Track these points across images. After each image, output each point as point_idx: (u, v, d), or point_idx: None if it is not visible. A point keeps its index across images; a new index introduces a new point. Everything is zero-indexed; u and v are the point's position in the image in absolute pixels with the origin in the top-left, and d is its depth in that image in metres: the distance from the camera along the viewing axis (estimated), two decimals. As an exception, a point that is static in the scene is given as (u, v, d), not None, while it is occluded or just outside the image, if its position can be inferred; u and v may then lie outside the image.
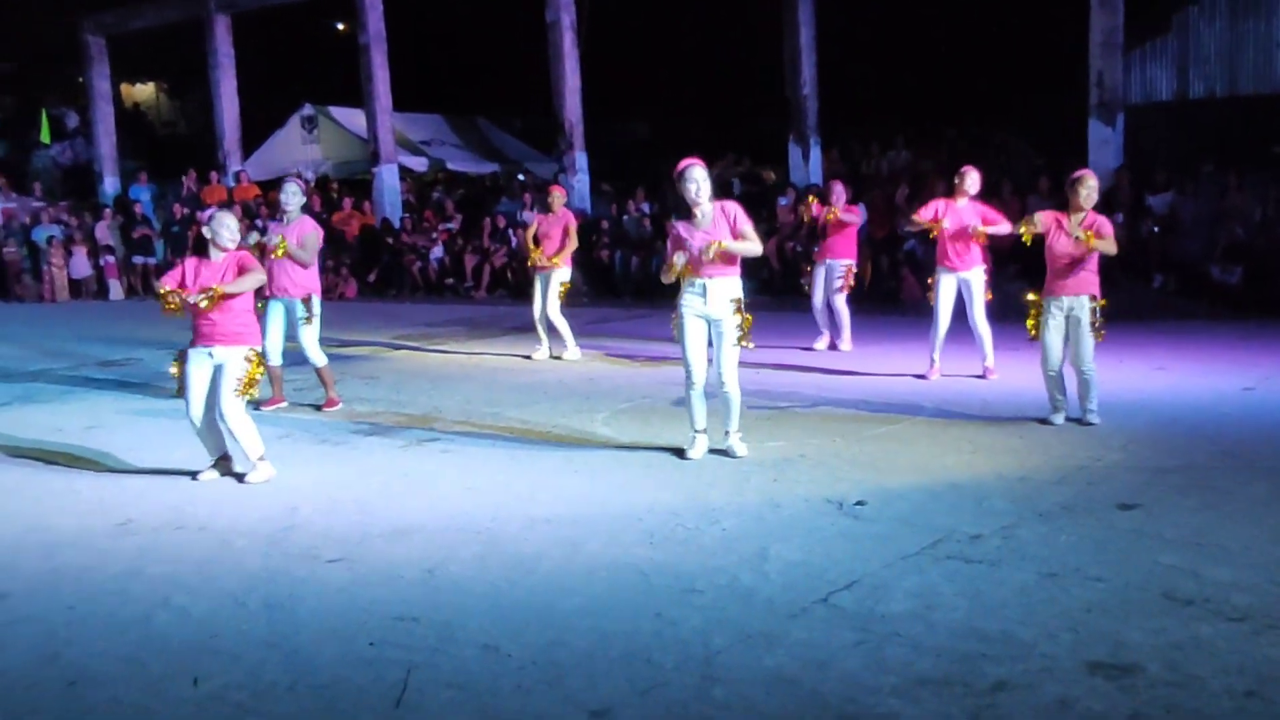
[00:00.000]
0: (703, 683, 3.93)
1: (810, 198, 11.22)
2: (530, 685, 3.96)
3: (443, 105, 26.79)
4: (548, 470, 6.90)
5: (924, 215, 9.46)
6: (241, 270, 6.85)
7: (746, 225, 6.88)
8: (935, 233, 9.39)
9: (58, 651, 4.42)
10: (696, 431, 7.03)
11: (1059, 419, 7.58)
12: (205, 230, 6.98)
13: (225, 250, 6.93)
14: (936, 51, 23.71)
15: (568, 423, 8.25)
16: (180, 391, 6.96)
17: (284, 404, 9.15)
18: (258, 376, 6.90)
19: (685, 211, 6.93)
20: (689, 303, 6.91)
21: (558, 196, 11.66)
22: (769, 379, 9.53)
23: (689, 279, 6.88)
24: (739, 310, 6.88)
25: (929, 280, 9.64)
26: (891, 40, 24.12)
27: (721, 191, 7.17)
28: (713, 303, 6.86)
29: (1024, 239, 7.59)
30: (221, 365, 6.78)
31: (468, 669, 4.10)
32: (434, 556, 5.33)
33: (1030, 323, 7.58)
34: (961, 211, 9.36)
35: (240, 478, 6.89)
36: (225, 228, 6.97)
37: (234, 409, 6.75)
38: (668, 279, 6.98)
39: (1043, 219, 7.48)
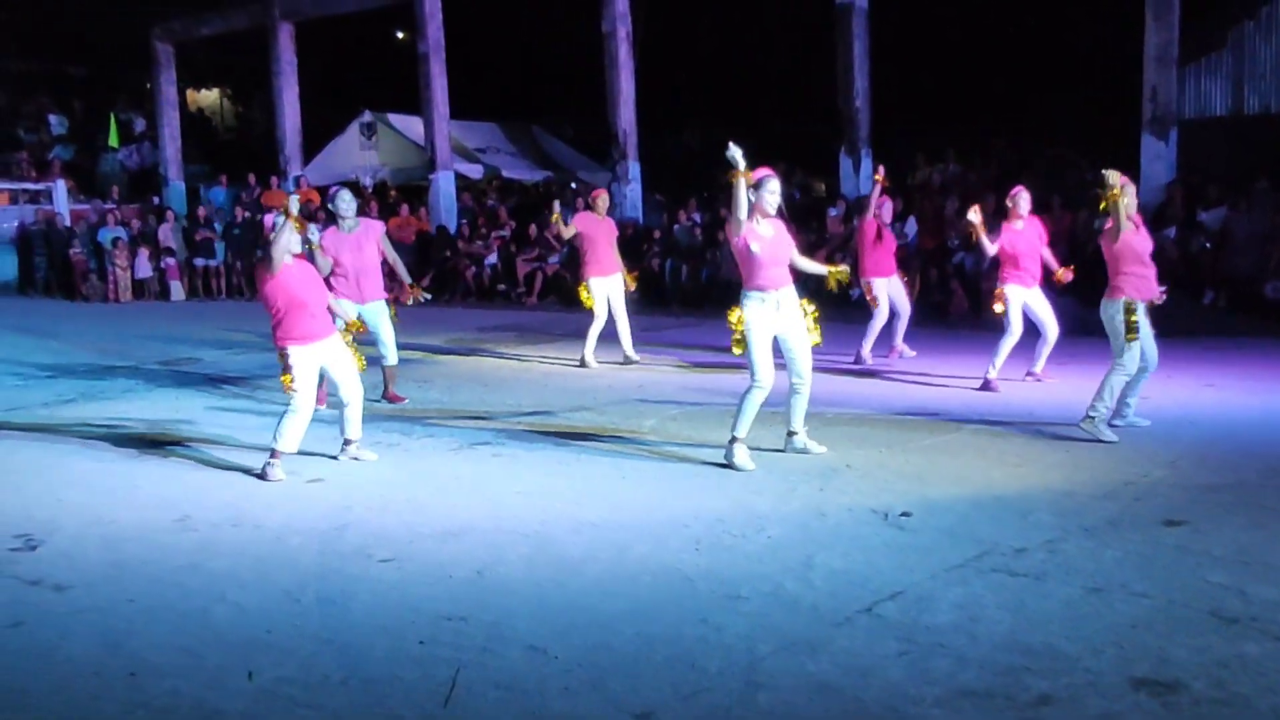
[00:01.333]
0: (746, 688, 3.98)
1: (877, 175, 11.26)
2: (575, 687, 4.03)
3: (498, 113, 27.05)
4: (596, 475, 6.98)
5: (994, 244, 9.60)
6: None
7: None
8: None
9: (119, 642, 4.55)
10: (742, 441, 7.07)
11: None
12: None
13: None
14: (988, 64, 23.60)
15: (616, 428, 8.33)
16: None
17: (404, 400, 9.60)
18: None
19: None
20: (760, 314, 6.95)
21: (604, 200, 11.76)
22: (816, 389, 9.52)
23: (760, 293, 6.93)
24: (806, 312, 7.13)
25: (997, 293, 9.64)
26: (943, 53, 24.04)
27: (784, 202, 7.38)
28: (786, 312, 7.02)
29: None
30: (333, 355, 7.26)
31: (514, 669, 4.18)
32: (483, 557, 5.42)
33: (1130, 328, 7.49)
34: (1024, 233, 9.54)
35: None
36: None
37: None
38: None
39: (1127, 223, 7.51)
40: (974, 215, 9.46)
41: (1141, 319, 7.53)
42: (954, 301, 14.82)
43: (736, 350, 7.06)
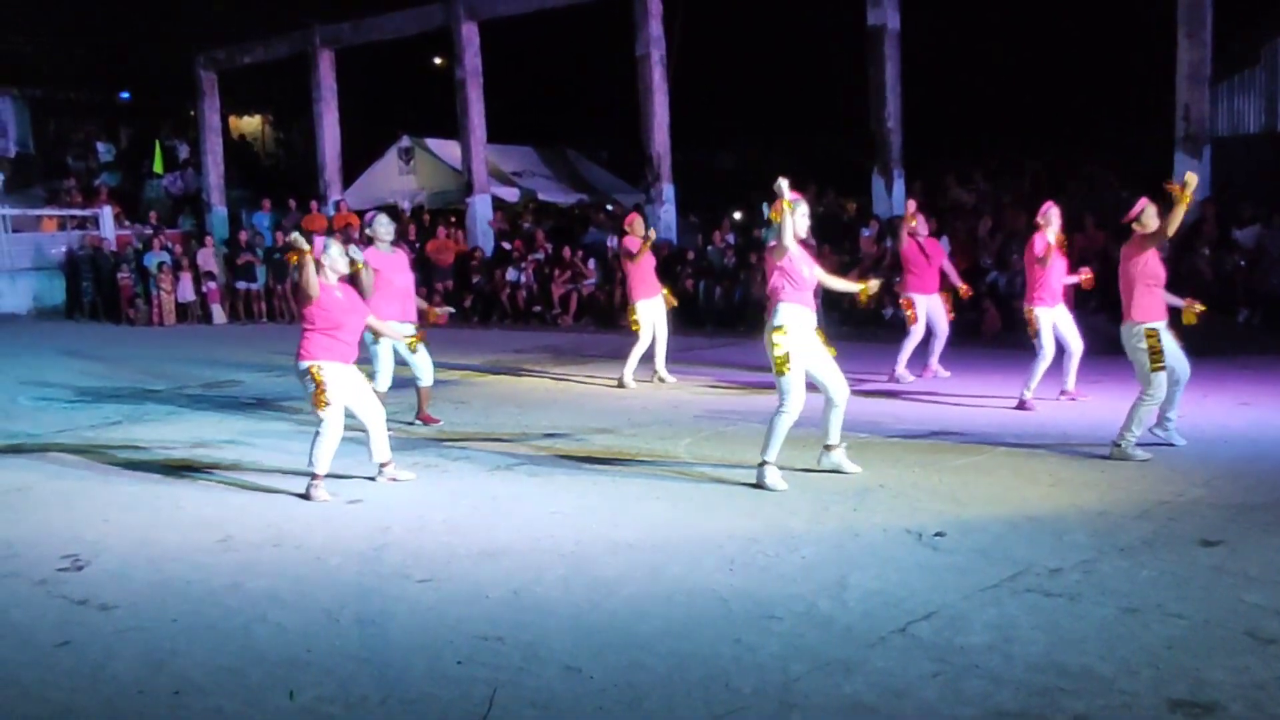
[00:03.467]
0: (780, 709, 4.00)
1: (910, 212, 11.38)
2: (610, 707, 4.07)
3: (534, 136, 27.26)
4: (631, 495, 7.03)
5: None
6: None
7: None
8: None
9: (163, 661, 4.64)
10: (773, 463, 7.11)
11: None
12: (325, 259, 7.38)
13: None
14: (1020, 84, 23.56)
15: (651, 449, 8.38)
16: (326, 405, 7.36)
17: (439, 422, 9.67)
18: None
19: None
20: (800, 334, 7.02)
21: (639, 224, 11.85)
22: (849, 408, 9.54)
23: (801, 311, 7.04)
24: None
25: (1029, 316, 9.65)
26: (976, 73, 24.01)
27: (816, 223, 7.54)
28: (813, 330, 7.14)
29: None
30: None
31: (550, 689, 4.23)
32: (520, 578, 5.48)
33: (1155, 356, 7.51)
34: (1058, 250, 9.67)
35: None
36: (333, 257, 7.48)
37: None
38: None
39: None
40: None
41: (1165, 337, 7.53)
42: (987, 321, 14.78)
43: (784, 370, 7.01)
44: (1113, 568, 5.31)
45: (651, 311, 11.51)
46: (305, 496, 7.18)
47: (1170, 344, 7.61)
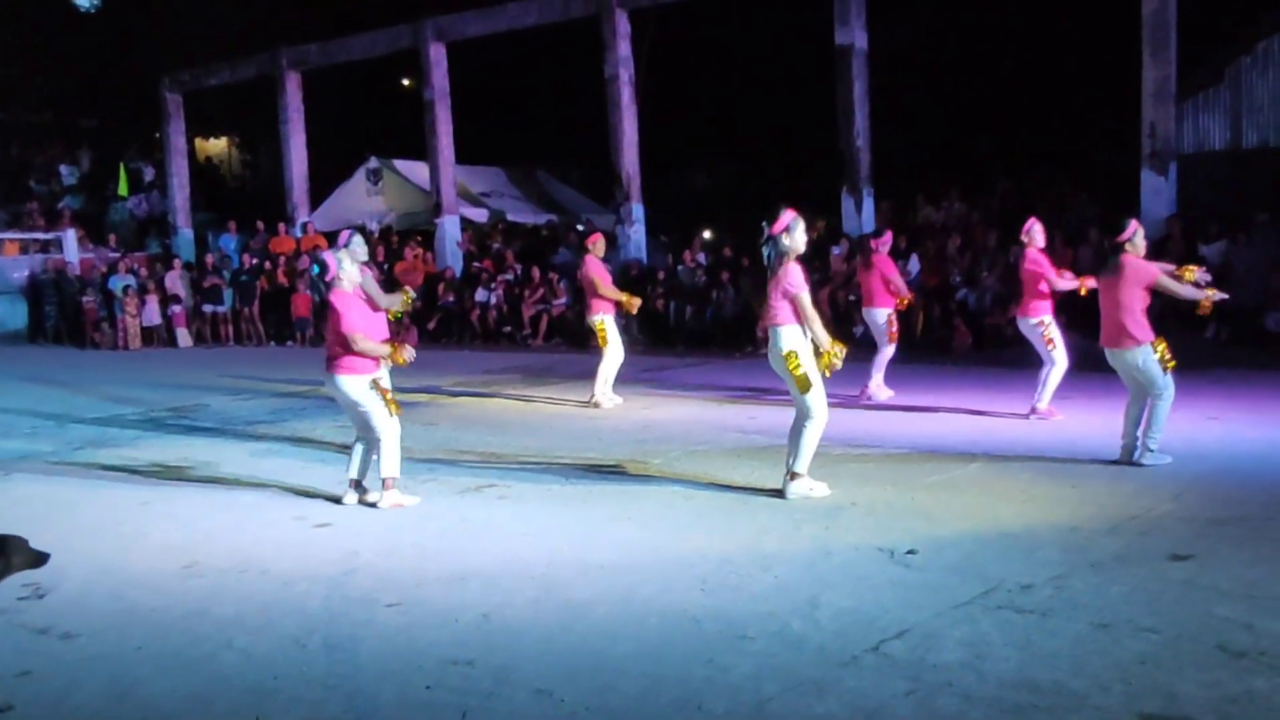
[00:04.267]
0: (752, 728, 3.98)
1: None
2: (582, 728, 4.04)
3: (503, 157, 27.27)
4: (602, 516, 6.99)
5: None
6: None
7: None
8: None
9: (127, 690, 4.56)
10: (805, 474, 7.21)
11: None
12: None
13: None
14: (989, 103, 23.80)
15: (622, 469, 8.35)
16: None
17: None
18: None
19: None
20: (808, 347, 7.13)
21: (602, 243, 11.94)
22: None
23: (801, 330, 7.11)
24: None
25: (1042, 323, 9.75)
26: (944, 92, 24.25)
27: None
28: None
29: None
30: None
31: (521, 713, 4.18)
32: (490, 601, 5.43)
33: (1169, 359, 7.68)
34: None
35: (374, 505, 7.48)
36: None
37: None
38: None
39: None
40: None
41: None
42: (957, 337, 14.87)
43: (808, 388, 7.08)
44: (1084, 583, 5.32)
45: (616, 326, 11.59)
46: (373, 505, 7.39)
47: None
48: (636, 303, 12.03)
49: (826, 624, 4.93)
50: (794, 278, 7.06)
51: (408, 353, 7.46)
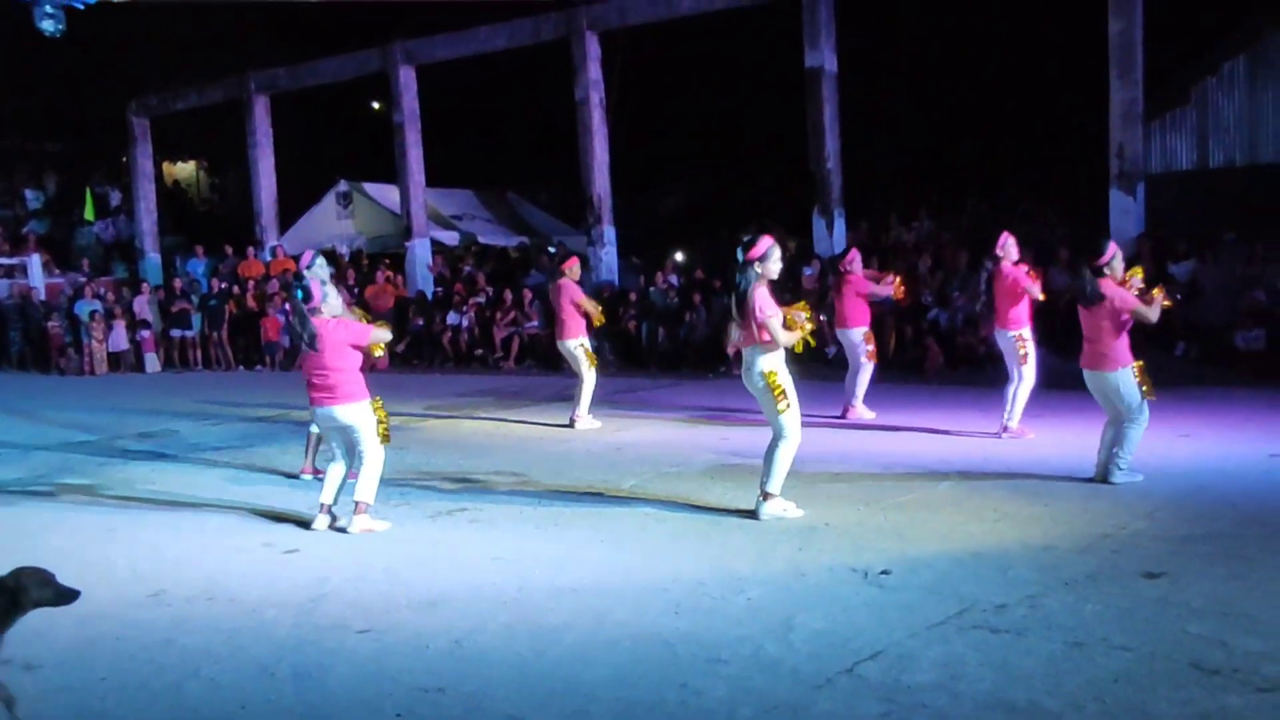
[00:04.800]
0: (727, 753, 3.95)
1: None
2: (555, 755, 3.99)
3: (473, 179, 27.23)
4: (574, 540, 6.95)
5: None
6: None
7: None
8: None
9: (91, 721, 4.49)
10: (778, 494, 7.21)
11: None
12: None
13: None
14: (959, 125, 24.02)
15: (595, 492, 8.31)
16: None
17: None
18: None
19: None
20: (784, 367, 7.17)
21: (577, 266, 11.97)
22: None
23: (778, 352, 7.16)
24: None
25: (1019, 337, 9.78)
26: (915, 114, 24.46)
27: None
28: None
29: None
30: None
31: (493, 739, 4.14)
32: (461, 627, 5.37)
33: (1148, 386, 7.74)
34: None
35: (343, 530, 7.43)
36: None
37: None
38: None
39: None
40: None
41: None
42: (929, 358, 14.91)
43: (785, 409, 7.11)
44: (1058, 602, 5.32)
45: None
46: (343, 530, 7.34)
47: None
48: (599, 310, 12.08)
49: (801, 646, 4.91)
50: (765, 304, 7.07)
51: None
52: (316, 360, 7.35)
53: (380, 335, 7.63)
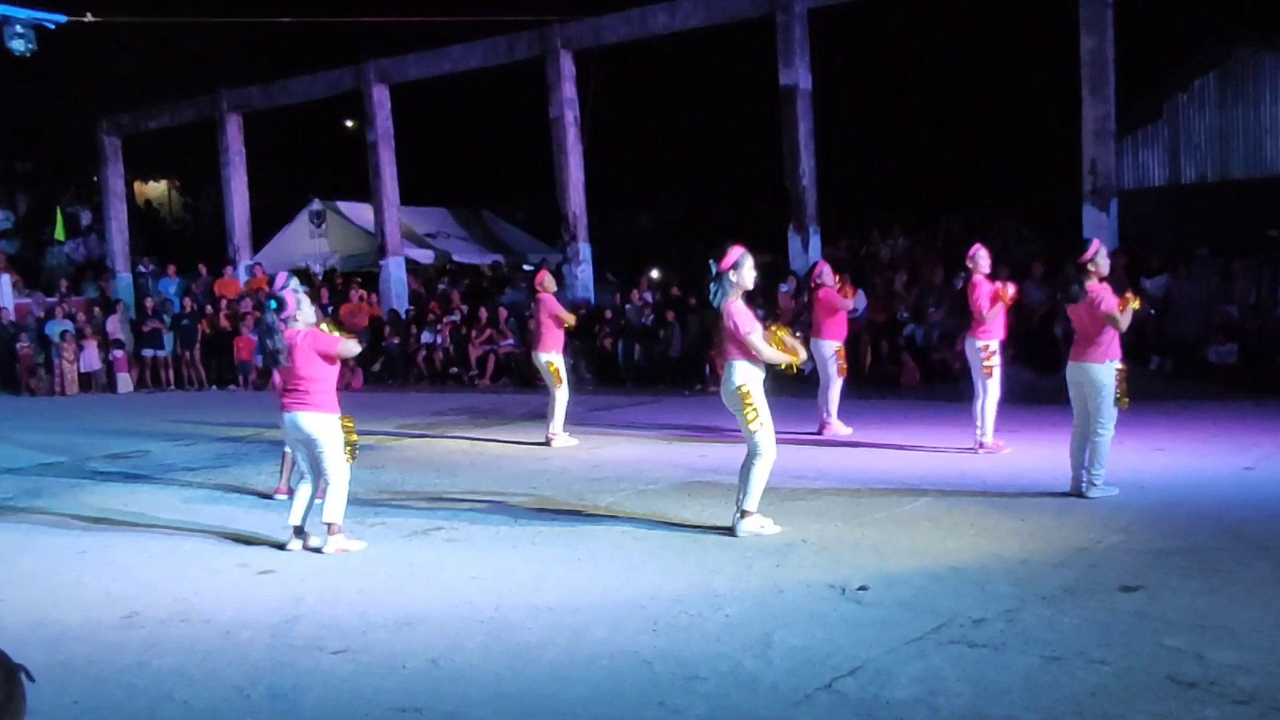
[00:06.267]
0: (706, 771, 3.92)
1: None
2: (533, 775, 3.96)
3: (448, 198, 27.17)
4: (551, 558, 6.91)
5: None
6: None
7: None
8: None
9: (62, 746, 4.42)
10: (756, 512, 7.18)
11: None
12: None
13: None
14: (934, 142, 24.20)
15: (571, 509, 8.28)
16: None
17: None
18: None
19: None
20: (760, 384, 7.14)
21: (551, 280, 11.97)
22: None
23: (753, 366, 7.11)
24: None
25: (985, 348, 9.77)
26: (890, 131, 24.61)
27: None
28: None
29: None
30: None
31: (471, 759, 4.10)
32: (438, 646, 5.33)
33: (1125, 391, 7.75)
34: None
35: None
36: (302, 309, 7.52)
37: None
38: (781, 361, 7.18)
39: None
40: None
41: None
42: (905, 373, 14.97)
43: (756, 421, 7.10)
44: (1035, 616, 5.32)
45: (565, 363, 11.62)
46: (318, 550, 7.28)
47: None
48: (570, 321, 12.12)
49: (779, 663, 4.89)
50: (743, 320, 7.06)
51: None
52: (289, 371, 7.35)
53: (349, 347, 7.59)
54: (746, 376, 7.10)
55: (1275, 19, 17.06)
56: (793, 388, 12.88)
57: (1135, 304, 7.86)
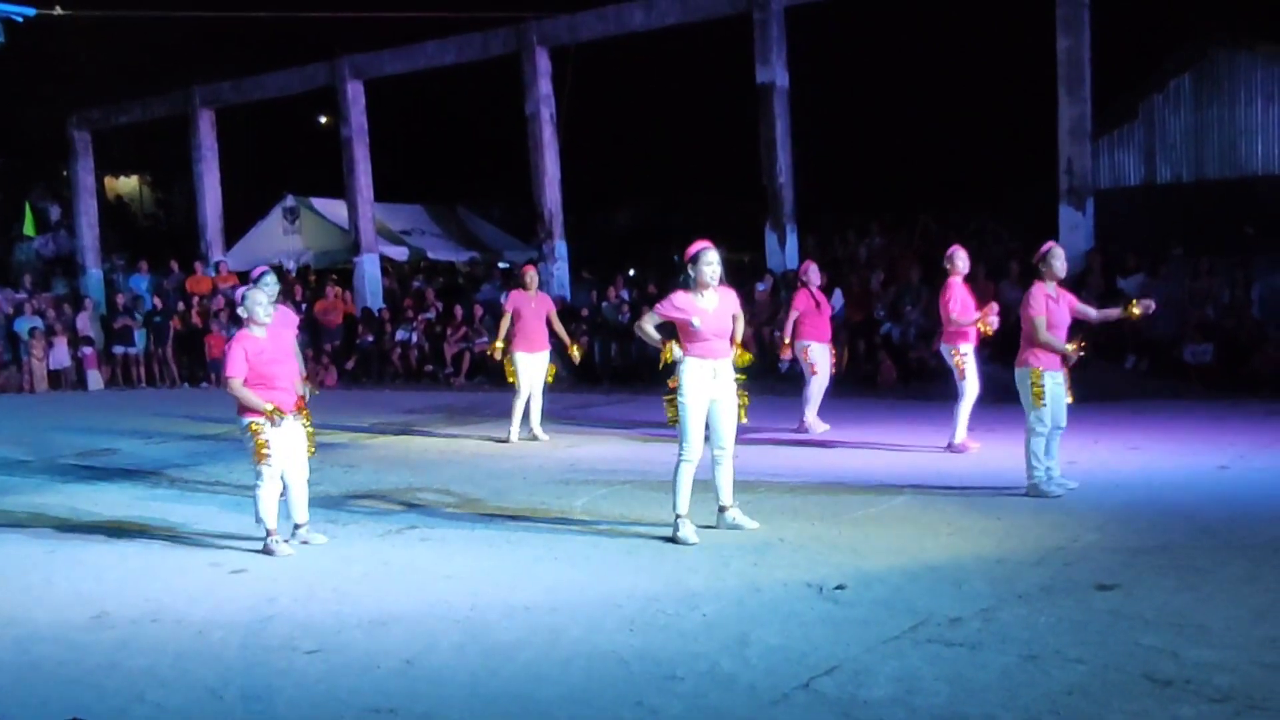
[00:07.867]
0: (684, 771, 3.90)
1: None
2: (510, 777, 3.93)
3: (423, 195, 27.04)
4: (527, 557, 6.88)
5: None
6: None
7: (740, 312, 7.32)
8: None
9: (29, 749, 4.36)
10: (685, 516, 7.05)
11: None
12: (241, 310, 7.31)
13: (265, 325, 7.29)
14: (911, 140, 24.26)
15: (547, 508, 8.24)
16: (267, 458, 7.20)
17: None
18: None
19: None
20: (697, 383, 6.98)
21: (531, 276, 11.85)
22: (748, 462, 9.51)
23: (699, 360, 6.98)
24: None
25: (955, 352, 9.73)
26: (867, 130, 24.66)
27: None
28: (722, 381, 7.06)
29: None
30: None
31: (446, 761, 4.06)
32: (413, 646, 5.29)
33: (1038, 395, 7.74)
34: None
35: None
36: (260, 305, 7.27)
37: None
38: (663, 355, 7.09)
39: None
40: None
41: (1052, 385, 7.75)
42: (882, 372, 14.99)
43: (670, 414, 7.05)
44: (1012, 615, 5.32)
45: (529, 364, 11.56)
46: (267, 552, 7.14)
47: (1058, 392, 7.79)
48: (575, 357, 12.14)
49: (756, 662, 4.87)
50: (661, 304, 7.08)
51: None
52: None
53: (230, 375, 7.20)
54: (683, 366, 6.97)
55: (1251, 20, 17.20)
56: (775, 387, 12.92)
57: (1135, 311, 7.88)
